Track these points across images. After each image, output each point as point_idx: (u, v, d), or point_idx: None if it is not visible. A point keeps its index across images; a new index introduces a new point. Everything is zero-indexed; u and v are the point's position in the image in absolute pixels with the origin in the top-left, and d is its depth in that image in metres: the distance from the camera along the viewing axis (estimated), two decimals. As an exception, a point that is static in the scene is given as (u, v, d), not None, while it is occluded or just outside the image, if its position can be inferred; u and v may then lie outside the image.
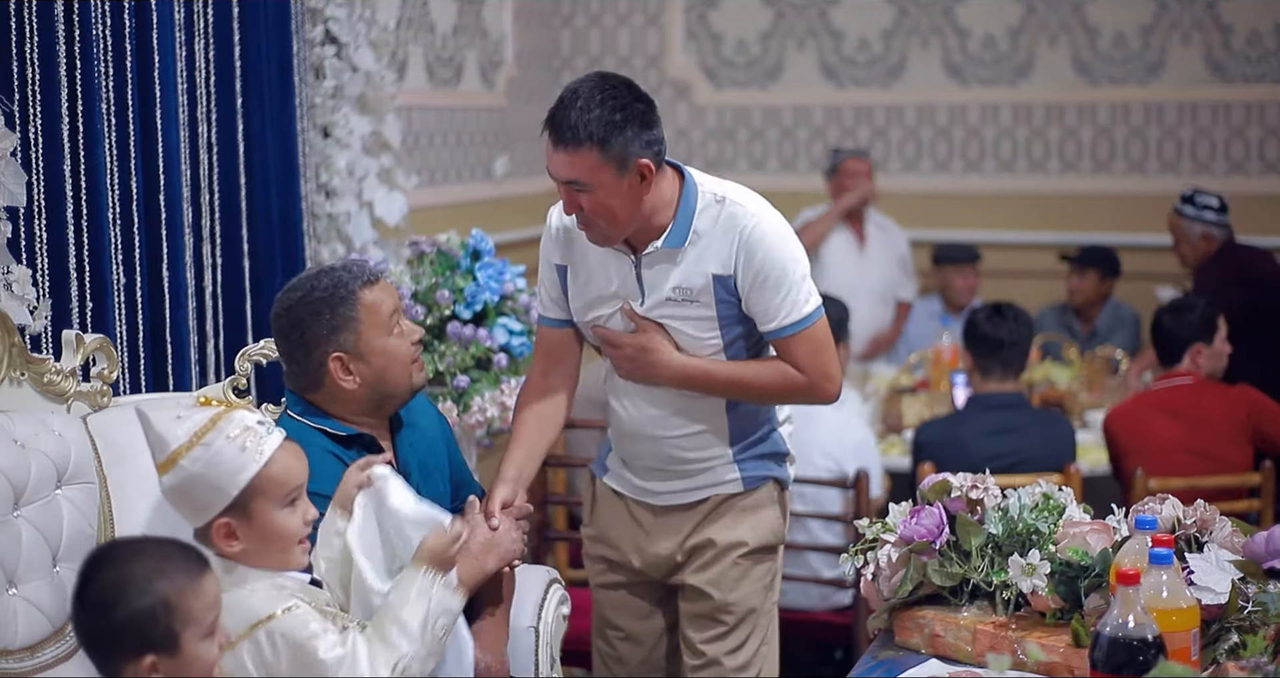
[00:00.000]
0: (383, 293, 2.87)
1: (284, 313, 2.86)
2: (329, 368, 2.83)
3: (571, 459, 4.84)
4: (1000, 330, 4.41)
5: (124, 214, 3.40)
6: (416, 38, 5.34)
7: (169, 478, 2.43)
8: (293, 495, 2.45)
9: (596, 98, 2.88)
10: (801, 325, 3.02)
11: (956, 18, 6.60)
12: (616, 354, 3.10)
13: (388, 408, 2.92)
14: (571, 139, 2.87)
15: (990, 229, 6.56)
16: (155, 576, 2.14)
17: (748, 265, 2.99)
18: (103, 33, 3.33)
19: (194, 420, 2.43)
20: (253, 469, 2.40)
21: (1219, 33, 6.32)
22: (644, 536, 3.22)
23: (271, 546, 2.43)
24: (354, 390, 2.85)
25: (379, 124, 4.37)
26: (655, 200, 2.98)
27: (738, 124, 6.87)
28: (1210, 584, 2.38)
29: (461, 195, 5.77)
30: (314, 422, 2.85)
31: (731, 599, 3.17)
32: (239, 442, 2.41)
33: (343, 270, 2.86)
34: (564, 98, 2.91)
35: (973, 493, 2.65)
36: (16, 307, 3.02)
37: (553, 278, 3.16)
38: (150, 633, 2.12)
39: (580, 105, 2.88)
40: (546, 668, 3.08)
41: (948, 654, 2.58)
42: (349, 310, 2.82)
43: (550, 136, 2.90)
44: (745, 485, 3.18)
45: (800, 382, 3.06)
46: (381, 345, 2.84)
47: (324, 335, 2.81)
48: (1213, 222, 5.50)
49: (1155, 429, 4.46)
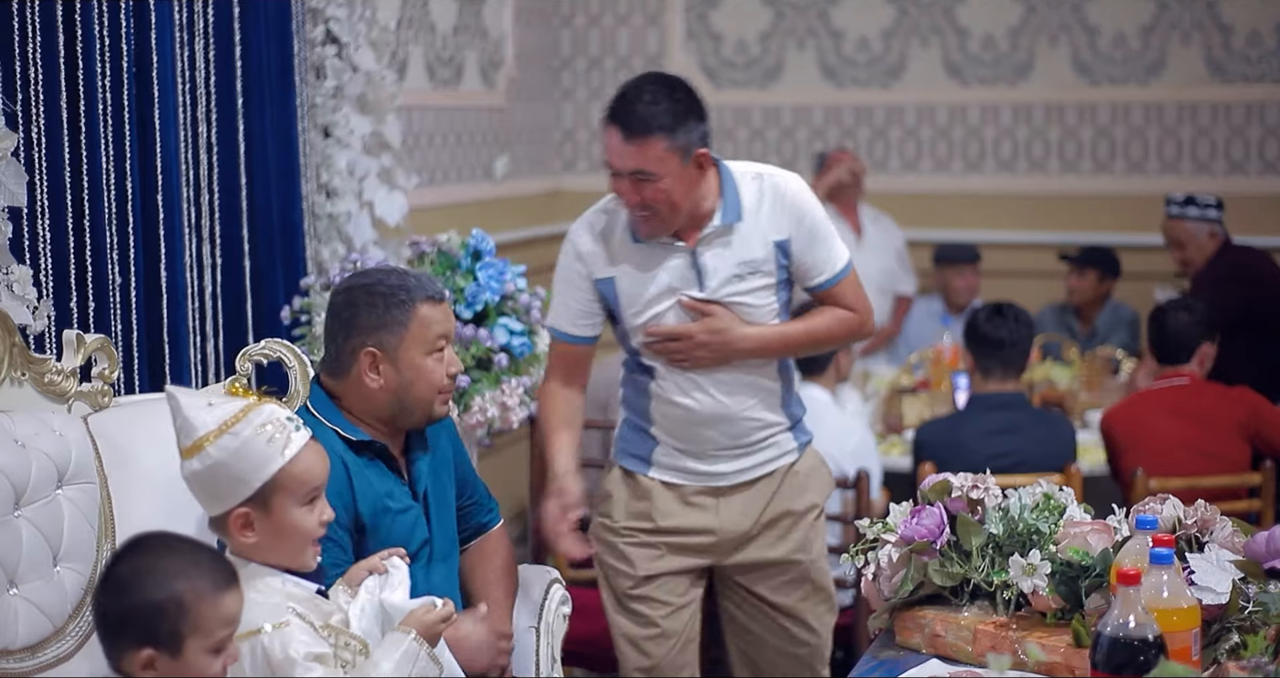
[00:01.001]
0: (440, 314, 2.88)
1: (343, 291, 2.89)
2: (359, 359, 2.83)
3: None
4: (1001, 330, 4.41)
5: (123, 214, 3.40)
6: (416, 38, 5.35)
7: (194, 462, 2.42)
8: (312, 495, 2.46)
9: (663, 92, 3.14)
10: (847, 270, 3.33)
11: (956, 18, 6.60)
12: (686, 345, 3.25)
13: (402, 424, 2.90)
14: (641, 131, 3.10)
15: (990, 229, 6.55)
16: (177, 574, 2.14)
17: (800, 225, 3.26)
18: (102, 33, 3.33)
19: (225, 409, 2.43)
20: (278, 463, 2.41)
21: (1219, 33, 6.32)
22: (713, 516, 3.37)
23: (286, 542, 2.44)
24: (375, 391, 2.85)
25: (379, 124, 4.36)
26: (704, 188, 3.22)
27: (738, 124, 6.87)
28: (1211, 584, 2.38)
29: (461, 195, 5.77)
30: (330, 420, 2.84)
31: (813, 558, 3.43)
32: (267, 434, 2.41)
33: (414, 278, 2.88)
34: (627, 93, 3.14)
35: (973, 493, 2.65)
36: (17, 307, 3.02)
37: (588, 295, 3.32)
38: (155, 628, 2.13)
39: (647, 99, 3.12)
40: (547, 668, 3.08)
41: (948, 654, 2.58)
42: (402, 314, 2.83)
43: (618, 130, 3.13)
44: (799, 452, 3.43)
45: (853, 320, 3.36)
46: (418, 361, 2.84)
47: (368, 326, 2.83)
48: (1216, 219, 5.50)
49: (1154, 428, 4.46)
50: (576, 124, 6.95)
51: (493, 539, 3.13)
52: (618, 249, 3.27)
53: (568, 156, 6.98)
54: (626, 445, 3.44)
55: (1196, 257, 5.51)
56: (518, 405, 3.83)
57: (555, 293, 3.40)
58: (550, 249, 6.78)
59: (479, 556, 3.10)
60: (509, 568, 3.10)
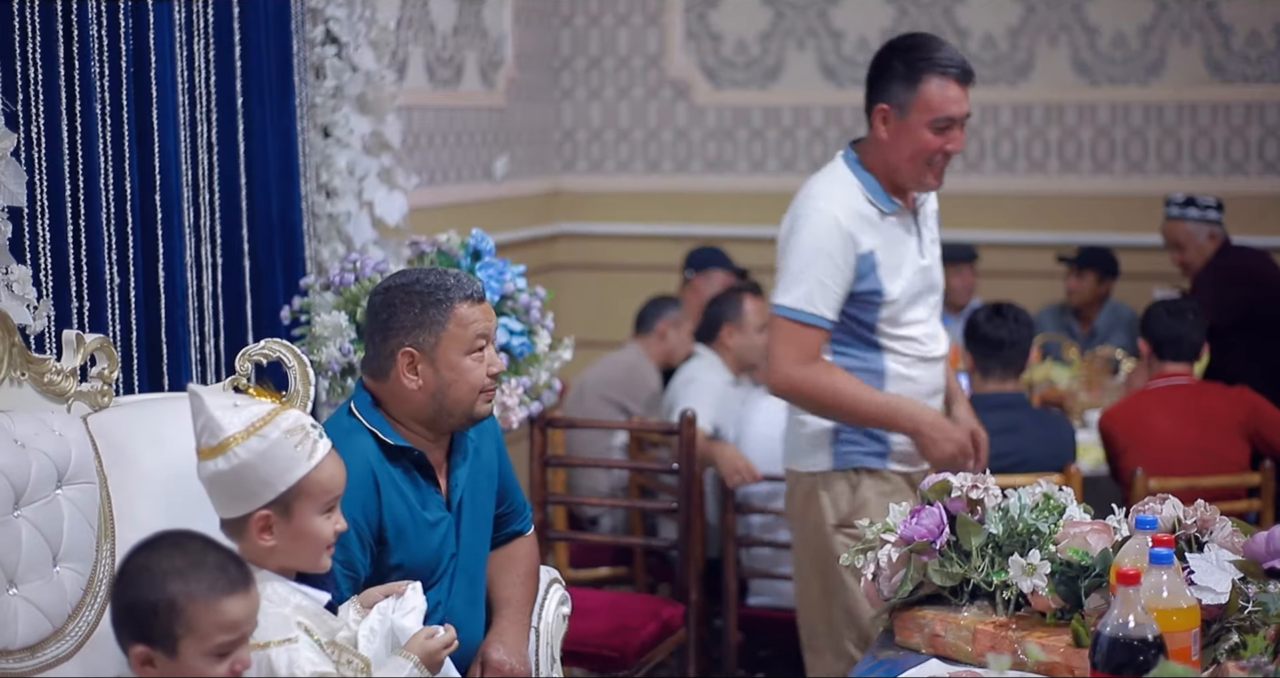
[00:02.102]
0: (479, 313, 2.84)
1: (382, 292, 2.86)
2: (398, 360, 2.82)
3: (571, 459, 4.84)
4: (1001, 331, 4.41)
5: (122, 214, 3.40)
6: (416, 38, 5.35)
7: (219, 462, 2.42)
8: (331, 503, 2.47)
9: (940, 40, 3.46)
10: None
11: (956, 18, 6.60)
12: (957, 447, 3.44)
13: (443, 426, 2.87)
14: (973, 76, 3.43)
15: (989, 229, 6.55)
16: (174, 576, 2.15)
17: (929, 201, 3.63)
18: (101, 33, 3.33)
19: (251, 411, 2.43)
20: (304, 468, 2.42)
21: (1219, 33, 6.32)
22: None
23: (303, 547, 2.44)
24: (414, 393, 2.82)
25: (379, 124, 4.36)
26: None
27: (738, 124, 6.87)
28: (1210, 584, 2.38)
29: (461, 195, 5.77)
30: (371, 422, 2.83)
31: None
32: (294, 439, 2.42)
33: (452, 277, 2.84)
34: (940, 44, 3.42)
35: (973, 493, 2.65)
36: (17, 306, 3.01)
37: (848, 272, 3.40)
38: (147, 626, 2.14)
39: (950, 46, 3.46)
40: (547, 668, 3.08)
41: (948, 654, 2.58)
42: (440, 314, 2.80)
43: (954, 79, 3.40)
44: None
45: None
46: (456, 361, 2.81)
47: (406, 327, 2.81)
48: (1215, 220, 5.49)
49: (1154, 427, 4.46)
50: (576, 124, 6.95)
51: (524, 544, 3.12)
52: (869, 223, 3.42)
53: (567, 157, 6.98)
54: (858, 445, 3.51)
55: (1196, 258, 5.49)
56: (517, 405, 3.83)
57: (807, 276, 3.39)
58: (550, 249, 6.82)
59: (507, 559, 3.08)
60: (533, 574, 3.09)
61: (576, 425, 4.62)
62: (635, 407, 5.33)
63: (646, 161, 6.96)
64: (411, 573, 2.79)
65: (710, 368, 5.17)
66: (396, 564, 2.81)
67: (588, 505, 5.06)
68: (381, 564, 2.80)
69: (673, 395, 5.12)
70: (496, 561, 3.07)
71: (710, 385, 5.07)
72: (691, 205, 6.87)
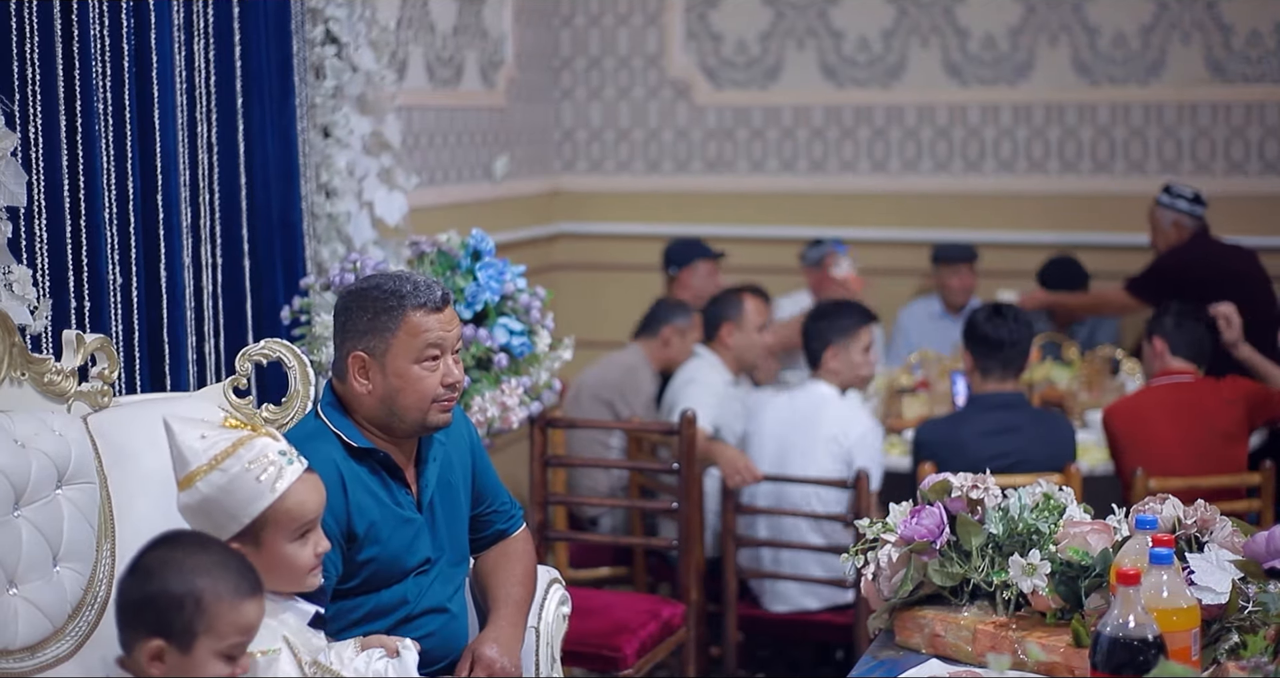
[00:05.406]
0: (434, 322, 2.81)
1: (344, 295, 2.89)
2: (349, 364, 2.83)
3: (572, 459, 4.84)
4: (1000, 330, 4.41)
5: (122, 214, 3.40)
6: (416, 38, 5.35)
7: (185, 497, 2.45)
8: (305, 529, 2.46)
9: None
10: None
11: (956, 18, 6.60)
12: None
13: (398, 431, 2.86)
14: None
15: (989, 229, 6.55)
16: (202, 571, 2.16)
17: None
18: (101, 33, 3.33)
19: (216, 443, 2.44)
20: (266, 500, 2.42)
21: (1219, 33, 6.32)
22: None
23: (279, 574, 2.45)
24: (365, 397, 2.83)
25: (379, 124, 4.36)
26: None
27: (738, 124, 6.87)
28: (1211, 584, 2.38)
29: (461, 195, 5.77)
30: (335, 424, 2.84)
31: None
32: (255, 472, 2.42)
33: (411, 284, 2.82)
34: None
35: (973, 493, 2.65)
36: (17, 306, 3.01)
37: None
38: (169, 619, 2.14)
39: None
40: (547, 668, 3.08)
41: (948, 654, 2.58)
42: (390, 321, 2.80)
43: None
44: None
45: None
46: (404, 368, 2.81)
47: (359, 331, 2.82)
48: (1185, 211, 5.59)
49: (1155, 426, 4.47)
50: (576, 124, 6.95)
51: (517, 542, 3.12)
52: None
53: (567, 157, 6.98)
54: None
55: (1160, 243, 5.72)
56: (517, 405, 3.83)
57: None
58: (550, 249, 6.83)
59: (501, 556, 3.08)
60: (530, 572, 3.09)
61: (577, 425, 4.62)
62: (627, 410, 5.31)
63: (646, 162, 6.96)
64: (383, 568, 2.81)
65: (710, 368, 5.17)
66: (368, 559, 2.81)
67: (588, 506, 5.05)
68: (351, 561, 2.80)
69: (673, 395, 5.12)
70: (491, 561, 3.08)
71: (710, 385, 5.07)
72: (691, 205, 6.87)
